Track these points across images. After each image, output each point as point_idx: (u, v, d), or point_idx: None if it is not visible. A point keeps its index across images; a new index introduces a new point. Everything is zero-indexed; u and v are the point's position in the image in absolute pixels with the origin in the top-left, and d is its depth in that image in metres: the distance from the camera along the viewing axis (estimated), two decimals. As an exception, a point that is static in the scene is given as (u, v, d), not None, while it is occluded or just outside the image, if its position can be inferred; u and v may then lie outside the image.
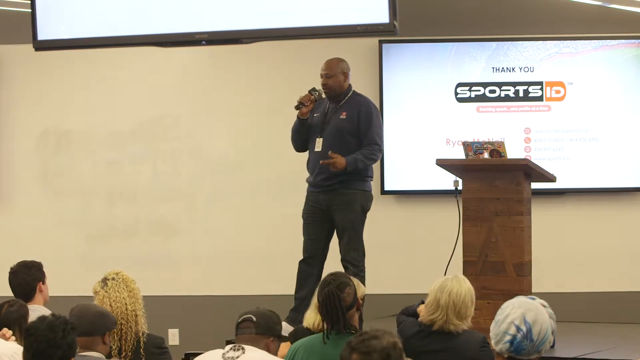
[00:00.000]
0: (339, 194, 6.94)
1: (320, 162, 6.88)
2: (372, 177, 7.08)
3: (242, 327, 4.26)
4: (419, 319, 5.01)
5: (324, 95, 7.09)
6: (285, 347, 5.04)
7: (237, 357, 4.15)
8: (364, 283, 6.88)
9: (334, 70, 7.03)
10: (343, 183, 6.94)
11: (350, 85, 7.10)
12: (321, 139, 6.96)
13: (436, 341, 4.89)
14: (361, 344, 3.11)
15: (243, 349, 4.18)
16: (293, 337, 5.05)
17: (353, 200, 6.93)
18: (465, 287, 4.93)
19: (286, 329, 5.82)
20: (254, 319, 4.25)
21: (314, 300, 4.91)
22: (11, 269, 5.61)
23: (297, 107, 7.07)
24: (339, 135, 6.92)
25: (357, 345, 3.11)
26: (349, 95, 7.07)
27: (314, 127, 7.06)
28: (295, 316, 6.79)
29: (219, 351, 4.23)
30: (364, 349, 3.09)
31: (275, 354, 4.28)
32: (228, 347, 4.22)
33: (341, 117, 6.99)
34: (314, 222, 7.04)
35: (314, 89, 7.08)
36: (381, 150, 7.01)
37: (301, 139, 7.15)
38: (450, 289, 4.88)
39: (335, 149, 6.88)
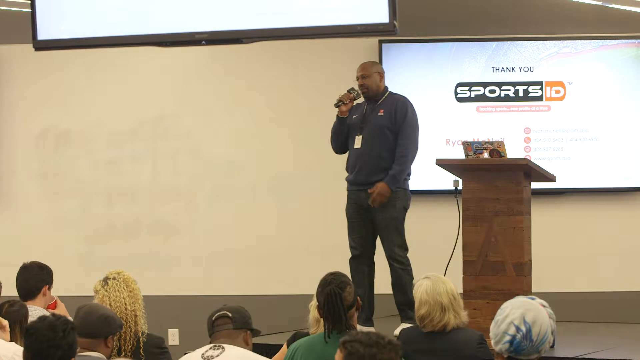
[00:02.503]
0: None
1: (370, 203, 6.95)
2: (410, 175, 7.16)
3: (218, 324, 4.31)
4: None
5: (361, 97, 7.16)
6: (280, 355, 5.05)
7: (217, 355, 4.18)
8: (412, 277, 6.93)
9: (370, 71, 7.15)
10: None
11: (386, 86, 7.19)
12: (360, 136, 7.06)
13: (434, 340, 4.89)
14: (391, 343, 3.08)
15: (222, 347, 4.21)
16: (291, 342, 5.03)
17: (395, 198, 7.02)
18: (448, 283, 4.94)
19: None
20: (230, 314, 4.32)
21: (313, 310, 4.90)
22: (24, 264, 5.62)
23: (336, 105, 7.14)
24: (378, 131, 7.02)
25: (389, 344, 3.08)
26: (385, 95, 7.17)
27: (352, 126, 7.15)
28: (360, 314, 6.81)
29: (199, 351, 4.25)
30: (398, 347, 3.08)
31: (251, 345, 4.34)
32: (207, 346, 4.25)
33: (379, 114, 7.09)
34: (358, 220, 7.13)
35: (352, 89, 7.15)
36: (409, 148, 7.02)
37: (340, 139, 7.23)
38: (433, 288, 4.88)
39: (374, 145, 7.01)
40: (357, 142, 7.08)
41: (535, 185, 6.84)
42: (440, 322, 4.87)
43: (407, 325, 6.33)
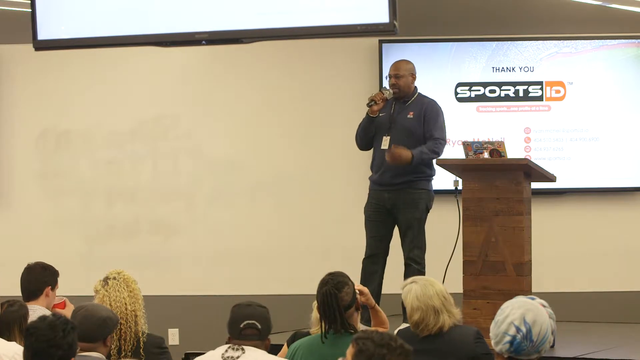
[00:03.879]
0: (405, 193, 7.04)
1: (387, 157, 6.92)
2: (434, 176, 7.17)
3: (246, 334, 4.27)
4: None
5: (392, 95, 7.15)
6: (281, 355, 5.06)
7: (237, 357, 4.18)
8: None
9: (403, 72, 7.16)
10: (410, 183, 7.04)
11: (416, 87, 7.20)
12: (388, 137, 7.06)
13: (431, 341, 4.88)
14: (403, 347, 3.08)
15: (242, 349, 4.21)
16: (291, 342, 5.04)
17: (419, 199, 7.04)
18: (437, 284, 4.92)
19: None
20: (259, 325, 4.28)
21: (315, 308, 4.91)
22: (28, 264, 5.62)
23: (368, 105, 7.12)
24: (407, 133, 7.02)
25: (400, 348, 3.07)
26: (415, 96, 7.18)
27: (380, 125, 7.14)
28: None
29: (219, 350, 4.24)
30: (409, 352, 3.08)
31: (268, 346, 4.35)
32: (226, 346, 4.25)
33: (408, 116, 7.10)
34: (377, 220, 7.13)
35: (384, 88, 7.17)
36: (443, 145, 7.07)
37: (367, 137, 7.21)
38: (423, 292, 4.86)
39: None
40: (385, 143, 7.06)
41: (535, 185, 6.84)
42: (436, 325, 4.84)
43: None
